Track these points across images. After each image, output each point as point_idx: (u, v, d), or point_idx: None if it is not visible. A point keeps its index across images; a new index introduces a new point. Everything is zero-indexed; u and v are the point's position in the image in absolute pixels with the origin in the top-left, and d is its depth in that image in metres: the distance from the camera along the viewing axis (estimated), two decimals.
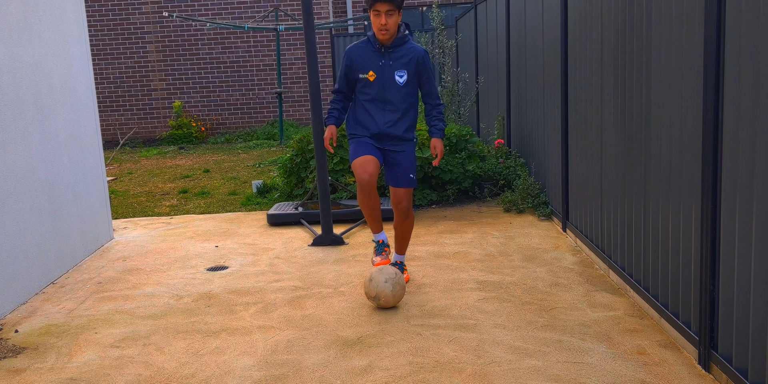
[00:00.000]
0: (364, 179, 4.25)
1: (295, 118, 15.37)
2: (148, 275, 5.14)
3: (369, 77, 4.31)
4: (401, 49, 4.33)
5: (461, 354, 3.49)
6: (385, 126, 4.35)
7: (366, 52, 4.34)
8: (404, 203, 4.43)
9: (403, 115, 4.37)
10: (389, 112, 4.35)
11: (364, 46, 4.37)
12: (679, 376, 3.15)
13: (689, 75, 3.25)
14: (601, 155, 4.65)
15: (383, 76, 4.30)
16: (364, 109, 4.38)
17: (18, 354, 3.77)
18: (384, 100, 4.33)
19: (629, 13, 3.99)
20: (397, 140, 4.41)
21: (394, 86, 4.31)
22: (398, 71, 4.31)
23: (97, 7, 14.85)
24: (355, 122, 4.45)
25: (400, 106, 4.35)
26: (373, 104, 4.35)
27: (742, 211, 2.79)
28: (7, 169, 4.54)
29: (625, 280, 4.17)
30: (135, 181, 9.90)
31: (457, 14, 14.88)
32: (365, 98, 4.37)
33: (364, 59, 4.33)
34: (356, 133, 4.44)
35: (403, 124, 4.38)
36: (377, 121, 4.35)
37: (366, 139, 4.41)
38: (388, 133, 4.36)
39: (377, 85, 4.32)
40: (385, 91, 4.31)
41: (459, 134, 7.20)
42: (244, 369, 3.44)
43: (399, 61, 4.31)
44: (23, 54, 4.87)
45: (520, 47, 7.26)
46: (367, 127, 4.39)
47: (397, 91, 4.32)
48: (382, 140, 4.41)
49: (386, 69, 4.30)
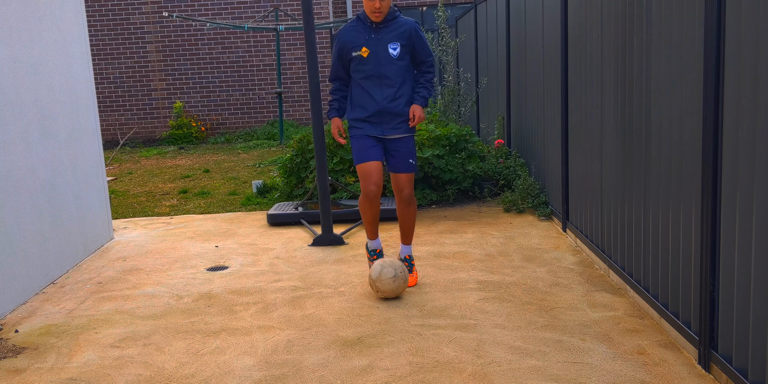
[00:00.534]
0: (371, 191, 4.35)
1: (295, 118, 15.37)
2: (148, 275, 5.14)
3: (362, 53, 4.33)
4: (392, 23, 4.36)
5: (461, 354, 3.49)
6: (384, 101, 4.35)
7: (356, 31, 4.37)
8: (407, 190, 4.44)
9: (400, 88, 4.37)
10: (387, 87, 4.35)
11: (354, 25, 4.40)
12: (679, 376, 3.15)
13: (689, 75, 3.25)
14: (601, 155, 4.65)
15: (377, 50, 4.32)
16: (361, 88, 4.39)
17: (18, 354, 3.77)
18: (380, 74, 4.34)
19: (629, 12, 3.99)
20: (399, 118, 4.40)
21: (389, 59, 4.32)
22: (391, 44, 4.33)
23: (97, 7, 14.85)
24: (353, 104, 4.46)
25: (396, 80, 4.35)
26: (370, 81, 4.36)
27: (742, 211, 2.79)
28: (7, 169, 4.54)
29: (625, 280, 4.17)
30: (135, 181, 9.90)
31: (457, 14, 14.88)
32: (361, 76, 4.38)
33: (355, 37, 4.36)
34: (356, 121, 4.43)
35: (401, 98, 4.38)
36: (376, 98, 4.35)
37: (366, 137, 4.41)
38: (388, 108, 4.36)
39: (372, 60, 4.32)
40: (381, 66, 4.32)
41: (459, 134, 7.19)
42: (244, 369, 3.44)
43: (391, 34, 4.34)
44: (23, 54, 4.87)
45: (520, 47, 7.26)
46: (366, 106, 4.39)
47: (392, 64, 4.33)
48: (383, 121, 4.39)
49: (379, 43, 4.32)
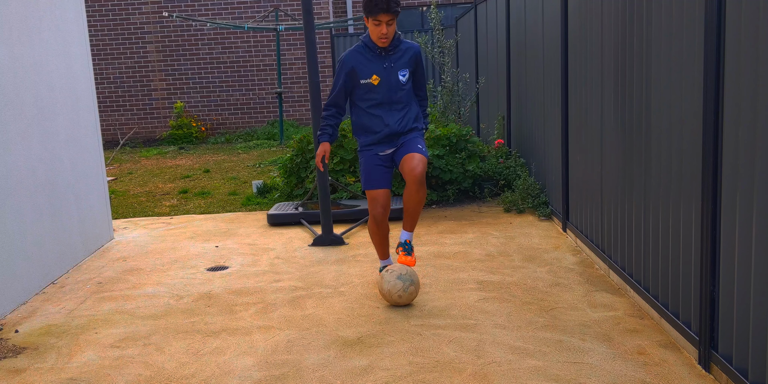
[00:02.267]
0: (379, 213, 4.37)
1: (296, 118, 15.37)
2: (149, 275, 5.14)
3: (373, 81, 4.30)
4: (399, 49, 4.35)
5: (461, 354, 3.49)
6: (395, 125, 4.36)
7: (366, 58, 4.31)
8: (419, 168, 4.22)
9: (408, 109, 4.41)
10: (396, 111, 4.37)
11: (361, 51, 4.32)
12: (679, 376, 3.15)
13: (689, 75, 3.25)
14: (601, 155, 4.65)
15: (389, 79, 4.31)
16: (370, 115, 4.36)
17: (18, 354, 3.77)
18: (391, 101, 4.34)
19: (629, 12, 3.99)
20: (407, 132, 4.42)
21: (399, 85, 4.34)
22: (401, 71, 4.34)
23: (97, 7, 14.85)
24: (362, 130, 4.43)
25: (406, 103, 4.40)
26: (380, 108, 4.34)
27: (743, 211, 2.79)
28: (8, 169, 4.54)
29: (626, 280, 4.17)
30: (135, 181, 9.90)
31: (457, 14, 14.88)
32: (370, 104, 4.34)
33: (365, 65, 4.30)
34: (368, 143, 4.41)
35: (410, 117, 4.41)
36: (388, 123, 4.34)
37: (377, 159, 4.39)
38: (398, 130, 4.38)
39: (383, 88, 4.31)
40: (392, 93, 4.32)
41: (459, 134, 7.19)
42: (244, 369, 3.44)
43: (400, 61, 4.34)
44: (23, 54, 4.87)
45: (520, 47, 7.26)
46: (377, 131, 4.36)
47: (401, 90, 4.36)
48: (392, 140, 4.40)
49: (390, 71, 4.31)
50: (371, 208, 4.42)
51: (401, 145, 4.43)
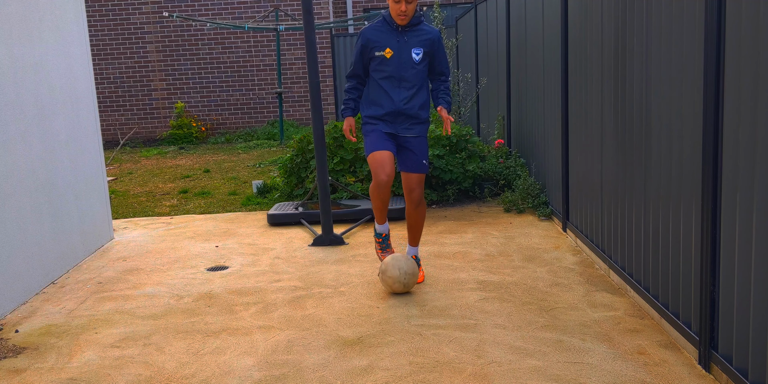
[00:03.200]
0: (382, 180, 4.35)
1: (296, 118, 15.37)
2: (149, 275, 5.14)
3: (386, 54, 4.39)
4: (417, 28, 4.45)
5: (461, 354, 3.49)
6: (401, 103, 4.41)
7: (382, 31, 4.43)
8: (417, 191, 4.49)
9: (417, 91, 4.45)
10: (404, 89, 4.42)
11: (380, 25, 4.47)
12: (679, 376, 3.15)
13: (689, 75, 3.25)
14: (601, 155, 4.65)
15: (401, 53, 4.40)
16: (379, 87, 4.45)
17: (18, 354, 3.77)
18: (400, 77, 4.41)
19: (629, 12, 3.99)
20: (412, 120, 4.46)
21: (410, 63, 4.40)
22: (415, 48, 4.41)
23: (97, 7, 14.85)
24: (370, 102, 4.52)
25: (415, 83, 4.44)
26: (389, 81, 4.42)
27: (743, 210, 2.79)
28: (8, 169, 4.54)
29: (626, 280, 4.17)
30: (135, 181, 9.90)
31: (457, 14, 14.88)
32: (381, 76, 4.44)
33: (380, 38, 4.42)
34: (371, 118, 4.48)
35: (417, 101, 4.45)
36: (393, 99, 4.42)
37: (380, 131, 4.45)
38: (403, 110, 4.42)
39: (394, 61, 4.39)
40: (401, 68, 4.40)
41: (459, 134, 7.20)
42: (244, 369, 3.44)
43: (415, 39, 4.42)
44: (24, 54, 4.87)
45: (520, 47, 7.26)
46: (382, 105, 4.45)
47: (412, 68, 4.42)
48: (397, 121, 4.46)
49: (403, 46, 4.40)
50: (375, 173, 4.35)
51: (406, 152, 4.49)
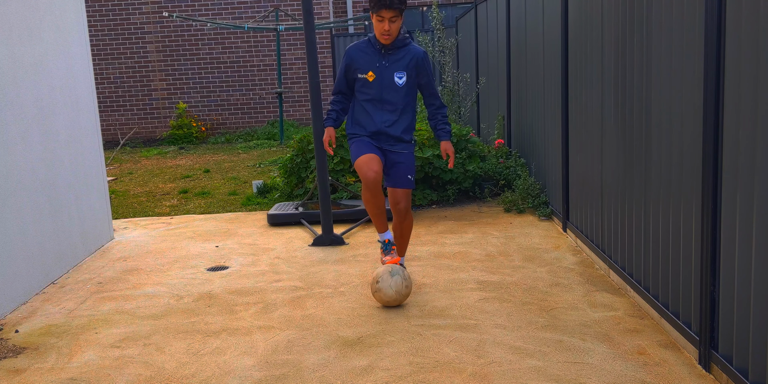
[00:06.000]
0: (370, 177, 4.25)
1: (296, 118, 15.37)
2: (149, 275, 5.14)
3: (368, 77, 4.34)
4: (401, 50, 4.36)
5: (461, 354, 3.49)
6: (383, 125, 4.38)
7: (366, 53, 4.37)
8: (402, 204, 4.45)
9: (401, 115, 4.40)
10: (387, 112, 4.38)
11: (364, 46, 4.39)
12: (679, 376, 3.15)
13: (689, 75, 3.25)
14: (601, 155, 4.66)
15: (382, 77, 4.33)
16: (363, 108, 4.41)
17: (18, 354, 3.77)
18: (382, 100, 4.36)
19: (629, 12, 3.99)
20: (395, 141, 4.43)
21: (393, 87, 4.34)
22: (398, 72, 4.34)
23: (97, 7, 14.85)
24: (354, 122, 4.49)
25: (398, 107, 4.38)
26: (371, 104, 4.38)
27: (743, 210, 2.79)
28: (8, 169, 4.54)
29: (626, 280, 4.17)
30: (135, 181, 9.90)
31: (457, 14, 14.88)
32: (364, 98, 4.40)
33: (363, 59, 4.36)
34: (356, 133, 4.47)
35: (400, 124, 4.40)
36: (375, 121, 4.38)
37: (366, 139, 4.44)
38: (386, 132, 4.39)
39: (376, 85, 4.34)
40: (384, 92, 4.34)
41: (459, 134, 7.20)
42: (244, 369, 3.44)
43: (399, 62, 4.34)
44: (24, 54, 4.87)
45: (520, 47, 7.26)
46: (365, 126, 4.42)
47: (396, 92, 4.35)
48: (381, 140, 4.43)
49: (385, 70, 4.33)
50: (362, 172, 4.28)
51: (393, 167, 4.44)
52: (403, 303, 4.25)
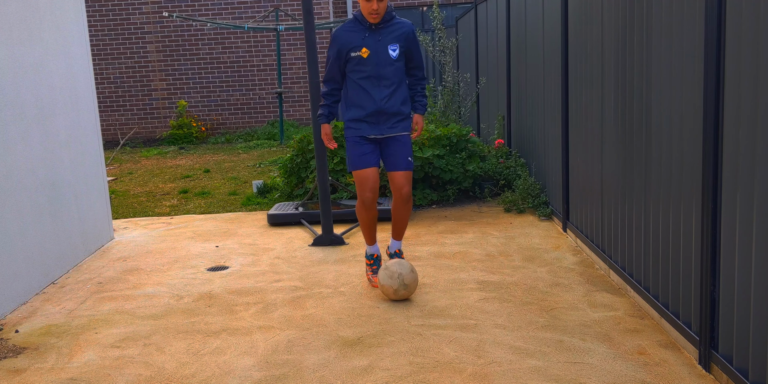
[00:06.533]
0: (367, 198, 4.39)
1: (296, 118, 15.37)
2: (149, 275, 5.14)
3: (362, 54, 4.36)
4: (389, 24, 4.41)
5: (462, 354, 3.49)
6: (381, 102, 4.39)
7: (355, 31, 4.39)
8: (406, 188, 4.46)
9: (397, 88, 4.43)
10: (384, 87, 4.40)
11: (352, 26, 4.42)
12: (679, 376, 3.15)
13: (690, 74, 3.25)
14: (601, 155, 4.66)
15: (377, 51, 4.36)
16: (359, 87, 4.41)
17: (18, 354, 3.77)
18: (379, 75, 4.38)
19: (629, 12, 3.99)
20: (395, 118, 4.45)
21: (388, 61, 4.38)
22: (391, 45, 4.38)
23: (97, 7, 14.85)
24: (350, 104, 4.48)
25: (393, 80, 4.41)
26: (368, 81, 4.39)
27: (743, 210, 2.79)
28: (8, 169, 4.54)
29: (626, 280, 4.17)
30: (135, 181, 9.90)
31: (457, 14, 14.89)
32: (359, 76, 4.39)
33: (355, 38, 4.38)
34: (353, 122, 4.44)
35: (397, 98, 4.44)
36: (374, 98, 4.39)
37: (363, 142, 4.44)
38: (385, 108, 4.40)
39: (372, 60, 4.36)
40: (380, 66, 4.37)
41: (459, 134, 7.20)
42: (244, 369, 3.44)
43: (390, 35, 4.39)
44: (24, 54, 4.87)
45: (520, 47, 7.26)
46: (363, 106, 4.42)
47: (391, 65, 4.39)
48: (380, 122, 4.43)
49: (378, 44, 4.36)
50: (360, 191, 4.41)
51: (390, 151, 4.47)
52: (408, 298, 4.25)
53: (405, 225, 4.66)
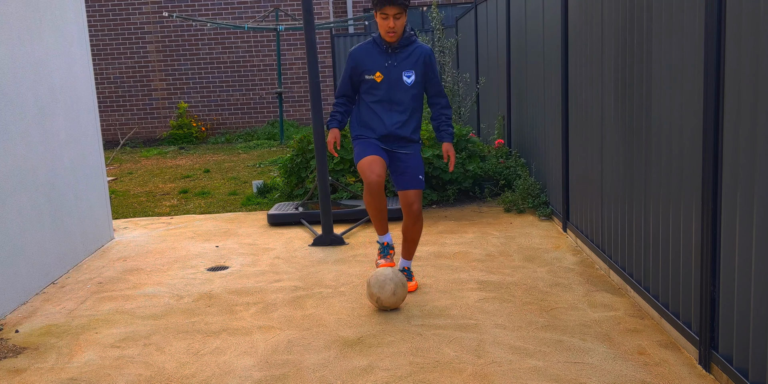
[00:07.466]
0: (372, 181, 4.18)
1: (296, 118, 15.38)
2: (149, 275, 5.14)
3: (376, 78, 4.25)
4: (408, 48, 4.28)
5: (462, 354, 3.49)
6: (393, 127, 4.29)
7: (372, 53, 4.28)
8: (416, 205, 4.32)
9: (411, 116, 4.32)
10: (396, 112, 4.29)
11: (369, 47, 4.31)
12: (679, 376, 3.15)
13: (690, 74, 3.25)
14: (601, 155, 4.66)
15: (390, 77, 4.25)
16: (371, 110, 4.31)
17: (18, 354, 3.77)
18: (391, 100, 4.28)
19: (630, 12, 3.99)
20: (404, 142, 4.36)
21: (402, 87, 4.26)
22: (406, 71, 4.26)
23: (97, 7, 14.85)
24: (360, 124, 4.39)
25: (408, 107, 4.30)
26: (380, 105, 4.29)
27: (743, 210, 2.79)
28: (8, 170, 4.54)
29: (626, 280, 4.17)
30: (135, 181, 9.90)
31: (457, 14, 14.89)
32: (372, 100, 4.30)
33: (370, 60, 4.27)
34: (362, 135, 4.38)
35: (410, 125, 4.33)
36: (385, 123, 4.29)
37: (372, 140, 4.34)
38: (396, 134, 4.31)
39: (384, 85, 4.26)
40: (392, 92, 4.26)
41: (459, 134, 7.20)
42: (244, 369, 3.44)
43: (406, 61, 4.26)
44: (24, 54, 4.87)
45: (520, 47, 7.26)
46: (374, 128, 4.32)
47: (405, 92, 4.27)
48: (389, 142, 4.35)
49: (393, 69, 4.25)
50: (365, 175, 4.19)
51: (401, 169, 4.35)
52: (405, 301, 4.25)
53: (415, 245, 4.49)
